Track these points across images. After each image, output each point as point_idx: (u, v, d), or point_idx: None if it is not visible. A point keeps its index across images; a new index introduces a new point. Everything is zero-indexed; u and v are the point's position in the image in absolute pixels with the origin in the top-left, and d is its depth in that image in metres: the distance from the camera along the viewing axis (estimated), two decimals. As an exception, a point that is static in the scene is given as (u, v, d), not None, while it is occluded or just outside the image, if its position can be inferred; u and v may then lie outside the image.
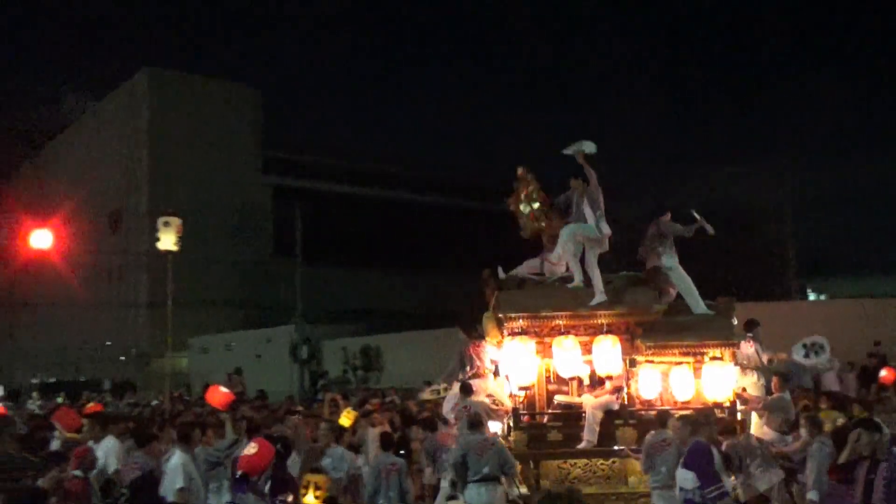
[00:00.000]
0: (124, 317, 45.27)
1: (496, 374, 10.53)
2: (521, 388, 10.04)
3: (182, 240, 13.31)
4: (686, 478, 7.78)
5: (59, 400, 22.23)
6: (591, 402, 9.75)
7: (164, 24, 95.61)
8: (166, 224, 12.95)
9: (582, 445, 9.62)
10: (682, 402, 10.03)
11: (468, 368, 10.82)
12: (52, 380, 44.21)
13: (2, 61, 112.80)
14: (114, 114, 49.28)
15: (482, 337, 10.72)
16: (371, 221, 48.28)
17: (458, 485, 8.77)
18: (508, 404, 10.15)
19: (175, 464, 7.81)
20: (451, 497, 8.94)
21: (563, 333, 10.00)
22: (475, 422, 8.93)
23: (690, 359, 10.13)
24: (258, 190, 46.54)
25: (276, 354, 33.92)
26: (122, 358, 44.42)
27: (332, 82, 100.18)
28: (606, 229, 9.95)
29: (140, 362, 42.14)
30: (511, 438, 9.89)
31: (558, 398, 10.13)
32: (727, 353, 10.16)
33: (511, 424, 9.98)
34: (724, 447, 9.19)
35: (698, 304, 10.38)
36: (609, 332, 10.01)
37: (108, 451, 8.45)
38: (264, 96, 49.70)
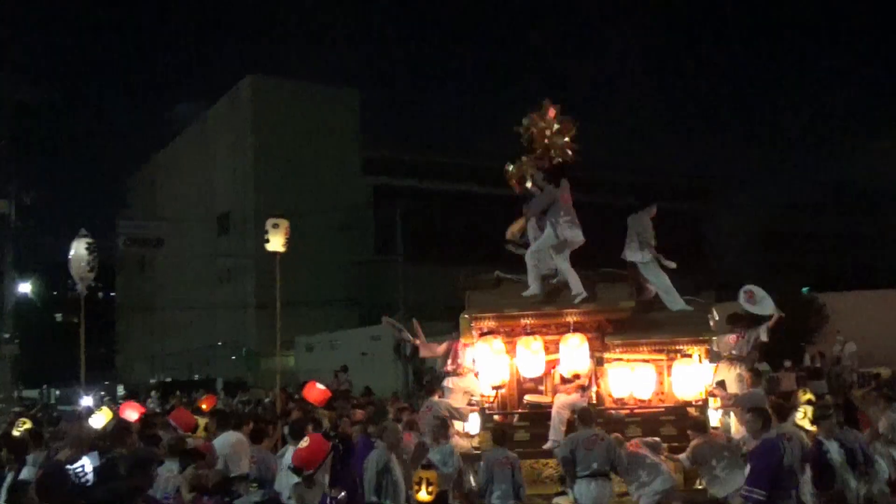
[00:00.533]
0: (234, 317, 46.59)
1: (477, 373, 10.47)
2: (494, 388, 10.06)
3: (287, 241, 13.49)
4: None
5: (175, 399, 23.01)
6: (557, 402, 9.64)
7: (265, 32, 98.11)
8: (275, 226, 13.10)
9: (547, 445, 9.53)
10: (644, 400, 9.86)
11: (448, 363, 10.73)
12: (168, 379, 45.91)
13: (118, 76, 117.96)
14: (220, 120, 50.75)
15: None
16: (471, 218, 48.27)
17: (567, 480, 8.70)
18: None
19: (290, 460, 7.97)
20: (561, 493, 8.86)
21: (530, 333, 9.97)
22: (586, 416, 8.82)
23: (662, 356, 9.94)
24: (359, 190, 47.14)
25: (382, 352, 34.29)
26: (234, 357, 45.74)
27: (428, 79, 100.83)
28: (565, 234, 9.97)
29: (250, 361, 43.28)
30: (477, 438, 9.86)
31: (528, 397, 10.11)
32: (699, 349, 9.92)
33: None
34: (691, 446, 8.92)
35: (675, 302, 10.19)
36: (577, 330, 9.88)
37: (220, 446, 8.67)
38: (363, 96, 50.32)
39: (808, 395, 11.25)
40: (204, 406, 13.43)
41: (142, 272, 59.01)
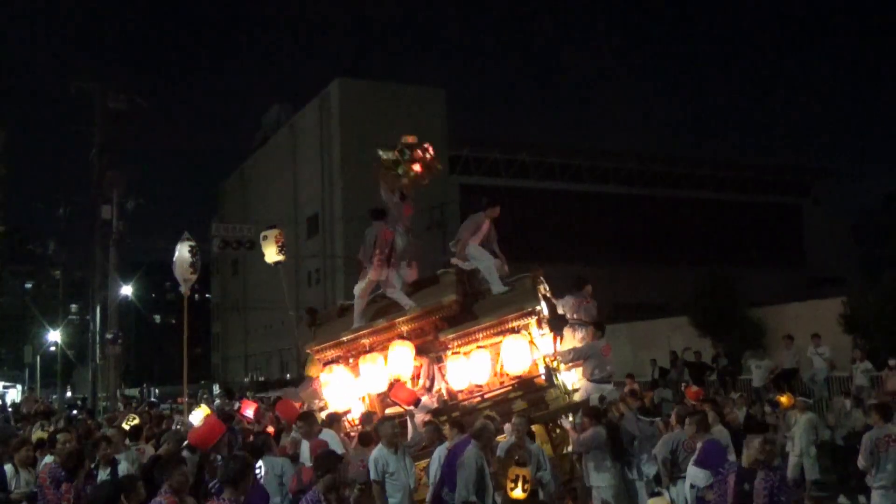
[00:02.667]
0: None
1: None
2: (335, 414, 10.18)
3: (281, 249, 12.98)
4: (698, 476, 7.54)
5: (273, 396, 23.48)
6: (414, 409, 9.89)
7: (355, 35, 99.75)
8: (265, 238, 12.85)
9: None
10: (491, 384, 9.92)
11: (315, 402, 11.12)
12: (262, 378, 46.92)
13: (214, 85, 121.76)
14: (309, 123, 51.63)
15: None
16: (558, 215, 48.00)
17: (664, 480, 8.58)
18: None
19: (371, 456, 8.42)
20: (656, 493, 8.74)
21: (368, 352, 10.26)
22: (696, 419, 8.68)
23: (500, 338, 9.94)
24: (446, 189, 47.32)
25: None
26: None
27: (512, 77, 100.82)
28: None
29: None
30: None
31: (389, 410, 10.25)
32: (530, 321, 9.92)
33: None
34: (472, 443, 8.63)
35: (495, 284, 10.42)
36: (415, 335, 10.21)
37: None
38: (448, 95, 50.44)
39: (915, 395, 10.80)
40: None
41: (235, 274, 60.52)
